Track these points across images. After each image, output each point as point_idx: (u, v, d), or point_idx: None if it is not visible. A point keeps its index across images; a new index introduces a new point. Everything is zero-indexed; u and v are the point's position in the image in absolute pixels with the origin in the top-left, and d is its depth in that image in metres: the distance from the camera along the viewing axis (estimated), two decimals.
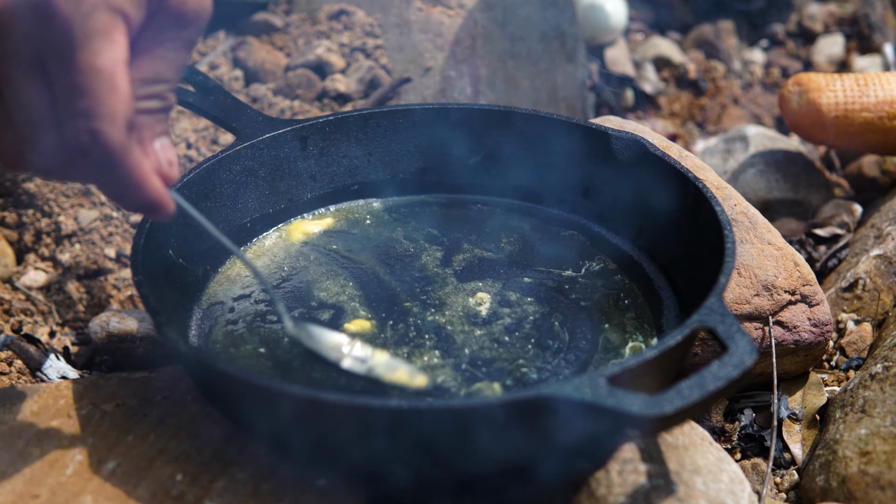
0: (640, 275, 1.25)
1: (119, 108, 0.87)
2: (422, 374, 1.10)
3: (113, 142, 0.87)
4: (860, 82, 1.60)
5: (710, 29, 2.21)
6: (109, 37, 0.86)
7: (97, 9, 0.86)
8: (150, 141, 0.93)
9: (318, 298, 1.21)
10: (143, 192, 0.91)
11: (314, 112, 1.64)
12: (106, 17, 0.86)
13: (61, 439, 1.07)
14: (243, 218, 1.29)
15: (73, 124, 0.87)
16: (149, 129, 0.93)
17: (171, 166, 0.95)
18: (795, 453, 1.23)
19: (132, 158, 0.89)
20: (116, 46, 0.87)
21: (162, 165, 0.94)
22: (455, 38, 1.69)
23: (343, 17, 1.75)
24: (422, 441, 0.93)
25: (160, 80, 0.93)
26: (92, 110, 0.86)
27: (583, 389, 0.89)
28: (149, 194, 0.92)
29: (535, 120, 1.33)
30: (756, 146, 1.72)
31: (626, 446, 1.03)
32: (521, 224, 1.34)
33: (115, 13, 0.86)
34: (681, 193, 1.21)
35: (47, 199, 1.50)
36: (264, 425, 1.00)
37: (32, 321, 1.43)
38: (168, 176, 0.94)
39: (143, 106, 0.92)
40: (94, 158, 0.88)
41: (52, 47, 0.86)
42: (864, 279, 1.43)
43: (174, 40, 0.92)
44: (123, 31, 0.88)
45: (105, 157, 0.88)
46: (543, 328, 1.16)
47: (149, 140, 0.93)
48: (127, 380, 1.15)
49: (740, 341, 0.94)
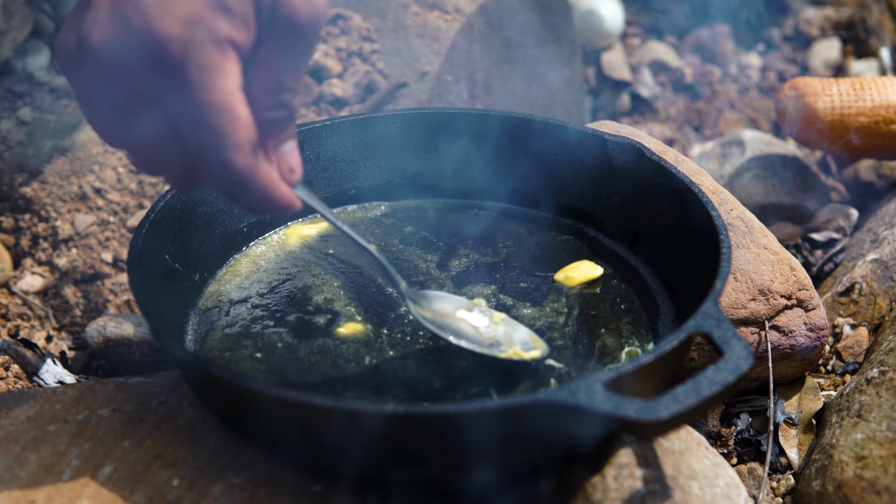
0: (636, 279, 1.25)
1: (242, 135, 0.88)
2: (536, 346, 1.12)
3: (242, 168, 0.89)
4: (856, 86, 1.60)
5: (707, 33, 2.22)
6: (221, 69, 0.87)
7: (205, 45, 0.86)
8: (275, 148, 0.95)
9: (314, 303, 1.21)
10: (272, 199, 0.94)
11: (311, 116, 1.64)
12: (215, 52, 0.86)
13: (58, 444, 1.07)
14: (240, 223, 1.29)
15: (202, 157, 0.89)
16: (274, 138, 0.95)
17: (293, 172, 0.97)
18: (792, 458, 1.23)
19: (260, 175, 0.91)
20: (229, 76, 0.87)
21: (283, 172, 0.96)
22: (452, 42, 1.69)
23: (340, 21, 1.75)
24: (417, 446, 0.93)
25: (284, 90, 0.93)
26: (217, 144, 0.88)
27: (579, 394, 0.89)
28: (278, 202, 0.94)
29: (531, 124, 1.33)
30: (752, 150, 1.72)
31: (622, 451, 1.03)
32: (517, 228, 1.34)
33: (222, 44, 0.87)
34: (677, 198, 1.21)
35: (44, 204, 1.51)
36: (260, 430, 1.00)
37: (29, 326, 1.43)
38: (292, 180, 0.97)
39: (269, 116, 0.93)
40: (226, 183, 0.90)
41: (167, 86, 0.87)
42: (861, 283, 1.43)
43: (292, 49, 0.92)
44: (234, 58, 0.88)
45: (237, 181, 0.90)
46: (539, 332, 1.16)
47: (274, 148, 0.95)
48: (123, 385, 1.15)
49: (736, 346, 0.94)
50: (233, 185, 0.91)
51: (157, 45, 0.85)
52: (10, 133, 1.53)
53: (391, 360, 1.12)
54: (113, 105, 0.90)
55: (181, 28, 0.85)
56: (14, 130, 1.53)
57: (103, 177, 1.53)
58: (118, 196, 1.53)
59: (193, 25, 0.85)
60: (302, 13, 0.91)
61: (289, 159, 0.97)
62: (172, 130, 0.89)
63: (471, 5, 1.75)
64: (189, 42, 0.85)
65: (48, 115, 1.55)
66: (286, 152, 0.96)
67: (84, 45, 0.88)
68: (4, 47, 1.56)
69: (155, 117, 0.89)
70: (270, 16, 0.90)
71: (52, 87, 1.59)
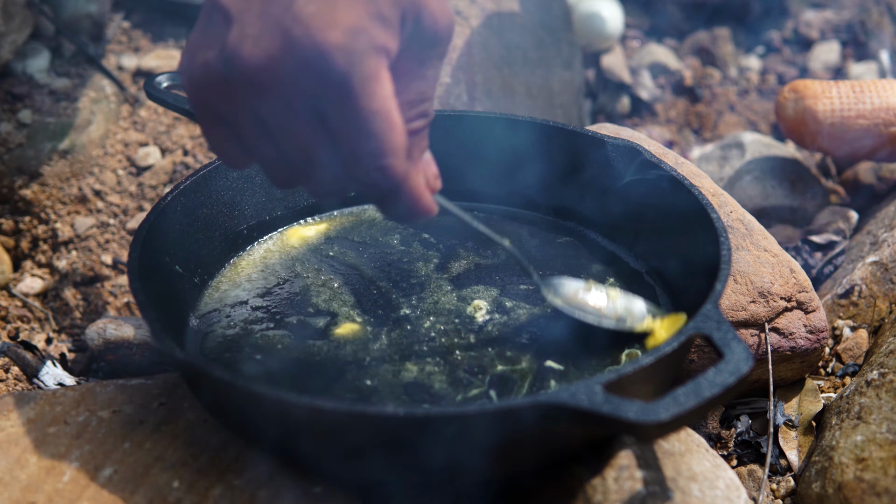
0: (636, 281, 1.25)
1: (399, 141, 0.90)
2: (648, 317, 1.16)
3: (399, 173, 0.91)
4: (856, 89, 1.60)
5: (707, 36, 2.22)
6: (380, 77, 0.88)
7: (366, 53, 0.86)
8: (419, 158, 0.97)
9: (314, 304, 1.21)
10: (418, 206, 0.96)
11: None
12: (374, 60, 0.87)
13: (58, 446, 1.07)
14: (240, 225, 1.29)
15: (360, 164, 0.90)
16: (417, 147, 0.96)
17: (437, 179, 1.00)
18: (792, 460, 1.23)
19: (413, 181, 0.94)
20: (386, 84, 0.88)
21: (430, 180, 0.99)
22: (451, 44, 1.69)
23: None
24: (417, 448, 0.93)
25: (425, 99, 0.95)
26: (378, 150, 0.89)
27: (579, 396, 0.89)
28: (423, 208, 0.96)
29: (531, 127, 1.33)
30: (752, 153, 1.72)
31: (622, 453, 1.03)
32: (517, 231, 1.34)
33: (379, 52, 0.87)
34: (677, 200, 1.21)
35: (44, 207, 1.51)
36: (260, 432, 1.00)
37: (29, 328, 1.43)
38: (434, 187, 1.00)
39: (412, 127, 0.95)
40: (382, 189, 0.92)
41: (330, 98, 0.87)
42: (860, 286, 1.43)
43: (431, 58, 0.94)
44: (387, 65, 0.89)
45: (393, 187, 0.92)
46: (539, 335, 1.16)
47: (418, 157, 0.97)
48: (124, 386, 1.15)
49: (736, 348, 0.94)
50: (388, 190, 0.92)
51: (322, 55, 0.85)
52: (9, 135, 1.53)
53: (391, 361, 1.12)
54: (263, 123, 0.90)
55: (345, 37, 0.85)
56: (14, 133, 1.53)
57: (103, 179, 1.54)
58: (118, 198, 1.53)
59: (356, 34, 0.86)
60: (442, 23, 0.92)
61: (433, 167, 1.00)
62: (330, 141, 0.90)
63: (470, 7, 1.75)
64: (353, 51, 0.86)
65: (48, 118, 1.55)
66: (428, 160, 0.99)
67: (233, 61, 0.87)
68: (4, 49, 1.57)
69: (313, 129, 0.89)
70: (414, 26, 0.91)
71: (52, 89, 1.59)
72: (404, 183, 0.92)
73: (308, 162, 0.91)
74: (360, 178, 0.91)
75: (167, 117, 1.63)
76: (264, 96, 0.88)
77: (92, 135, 1.56)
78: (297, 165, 0.92)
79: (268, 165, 0.94)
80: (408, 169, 0.92)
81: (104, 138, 1.57)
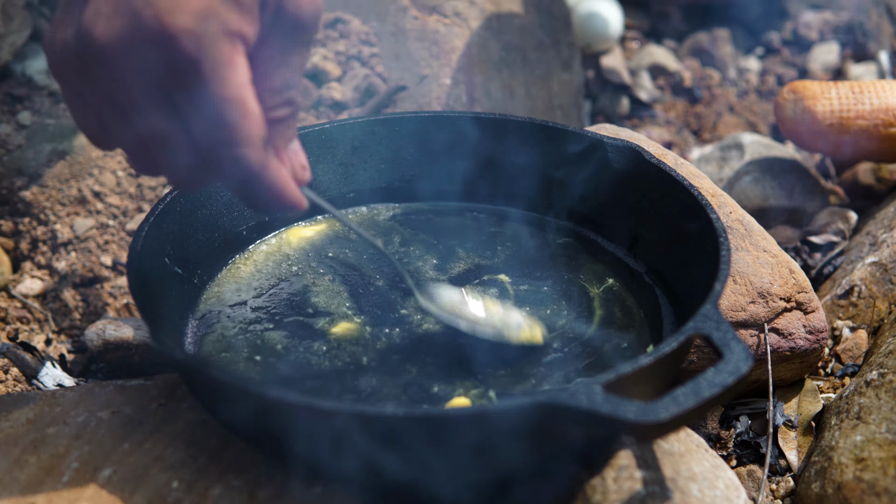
0: (635, 282, 1.25)
1: (254, 130, 0.88)
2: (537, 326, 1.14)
3: (255, 163, 0.89)
4: (855, 90, 1.60)
5: (706, 37, 2.22)
6: (233, 63, 0.86)
7: (217, 38, 0.85)
8: (283, 147, 0.95)
9: (313, 305, 1.21)
10: (282, 198, 0.94)
11: (310, 120, 1.64)
12: (226, 45, 0.86)
13: (57, 447, 1.07)
14: (239, 226, 1.29)
15: (213, 153, 0.88)
16: (281, 136, 0.95)
17: (304, 170, 0.98)
18: (791, 460, 1.23)
19: (271, 171, 0.91)
20: (240, 70, 0.87)
21: (296, 170, 0.97)
22: (451, 46, 1.70)
23: (339, 25, 1.75)
24: (416, 449, 0.93)
25: (289, 87, 0.94)
26: (231, 139, 0.87)
27: (578, 396, 0.89)
28: (286, 199, 0.94)
29: (530, 128, 1.33)
30: (751, 154, 1.72)
31: (621, 453, 1.03)
32: (516, 232, 1.34)
33: (233, 38, 0.86)
34: (676, 201, 1.21)
35: (43, 208, 1.51)
36: (259, 432, 1.00)
37: (29, 329, 1.43)
38: (302, 179, 0.98)
39: (275, 115, 0.93)
40: (237, 178, 0.90)
41: (178, 81, 0.86)
42: (860, 286, 1.43)
43: (295, 45, 0.93)
44: (242, 52, 0.88)
45: (247, 176, 0.90)
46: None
47: (283, 147, 0.95)
48: (123, 387, 1.15)
49: (735, 348, 0.94)
50: (244, 181, 0.90)
51: (170, 39, 0.84)
52: (9, 137, 1.53)
53: (391, 361, 1.12)
54: (115, 102, 0.88)
55: (194, 21, 0.84)
56: (13, 134, 1.53)
57: (102, 180, 1.53)
58: (117, 199, 1.53)
59: (206, 18, 0.84)
60: (306, 9, 0.91)
61: (300, 157, 0.97)
62: (181, 126, 0.88)
63: (470, 9, 1.75)
64: (202, 35, 0.84)
65: (47, 119, 1.55)
66: (295, 150, 0.97)
67: (86, 39, 0.86)
68: (3, 51, 1.57)
69: (163, 113, 0.87)
70: (276, 12, 0.90)
71: (52, 90, 1.59)
72: (262, 173, 0.90)
73: (161, 147, 0.89)
74: (215, 168, 0.89)
75: None
76: (114, 76, 0.86)
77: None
78: (152, 150, 0.90)
79: (125, 148, 0.92)
80: (265, 159, 0.90)
81: None
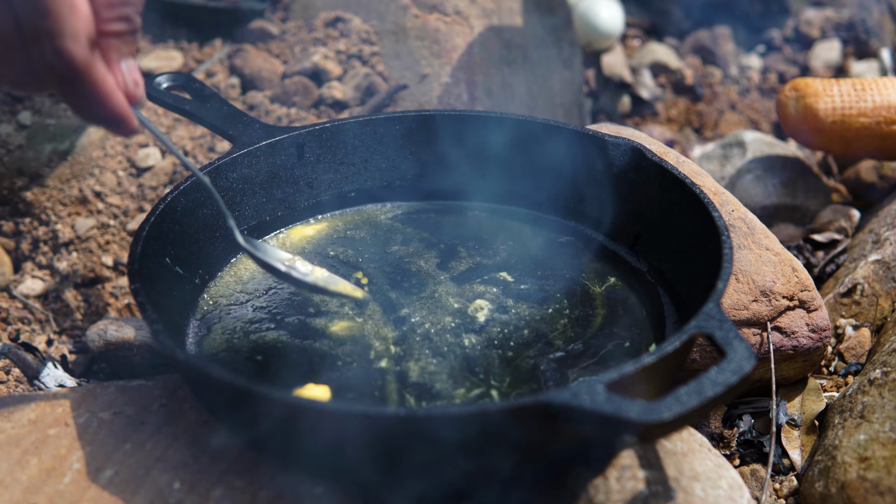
0: (638, 280, 1.25)
1: (80, 26, 0.92)
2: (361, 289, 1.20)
3: (77, 58, 0.93)
4: (857, 87, 1.60)
5: (707, 34, 2.21)
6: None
7: None
8: (116, 61, 0.99)
9: (314, 304, 1.21)
10: (106, 105, 0.98)
11: (311, 119, 1.64)
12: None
13: (59, 448, 1.07)
14: (240, 226, 1.29)
15: (38, 44, 0.92)
16: (115, 51, 0.98)
17: (137, 86, 1.01)
18: (794, 459, 1.23)
19: (96, 73, 0.95)
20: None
21: (128, 84, 1.00)
22: (451, 44, 1.69)
23: (339, 24, 1.75)
24: (419, 448, 0.93)
25: (125, 3, 0.97)
26: (55, 30, 0.92)
27: (581, 396, 0.89)
28: (112, 108, 0.98)
29: (531, 126, 1.33)
30: (753, 152, 1.72)
31: (624, 453, 1.03)
32: (518, 230, 1.34)
33: None
34: (678, 199, 1.21)
35: (44, 208, 1.50)
36: (261, 433, 1.00)
37: (30, 330, 1.43)
38: (133, 94, 1.01)
39: (110, 28, 0.97)
40: (60, 74, 0.94)
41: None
42: (863, 284, 1.43)
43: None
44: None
45: (70, 73, 0.94)
46: (541, 334, 1.16)
47: (115, 60, 0.99)
48: (124, 388, 1.15)
49: (738, 347, 0.94)
50: (67, 77, 0.94)
51: None
52: (9, 137, 1.53)
53: (392, 360, 1.12)
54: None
55: None
56: (14, 134, 1.53)
57: (103, 180, 1.53)
58: (118, 199, 1.53)
59: None
60: None
61: (133, 73, 1.00)
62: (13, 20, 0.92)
63: (470, 7, 1.75)
64: None
65: (48, 119, 1.55)
66: (130, 66, 1.00)
67: None
68: None
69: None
70: None
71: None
72: (86, 73, 0.94)
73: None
74: (39, 60, 0.93)
75: (167, 118, 1.63)
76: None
77: (92, 136, 1.56)
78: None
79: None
80: (89, 58, 0.94)
81: (104, 139, 1.57)
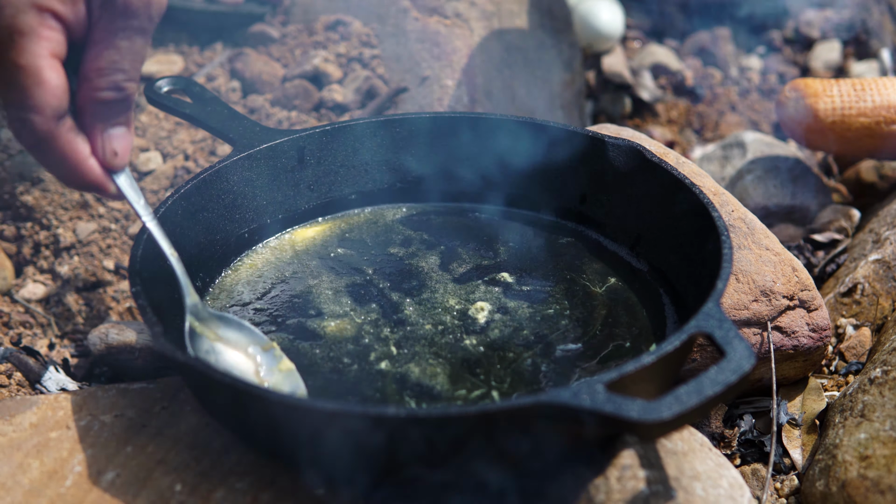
0: (638, 281, 1.25)
1: (45, 99, 0.95)
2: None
3: (39, 130, 0.96)
4: (857, 87, 1.60)
5: (707, 36, 2.22)
6: (36, 35, 0.93)
7: (21, 10, 0.92)
8: (100, 130, 1.01)
9: (315, 306, 1.21)
10: (75, 173, 1.01)
11: (311, 122, 1.64)
12: (31, 18, 0.93)
13: (60, 451, 1.07)
14: (241, 229, 1.29)
15: (7, 111, 0.96)
16: (103, 120, 1.00)
17: (115, 156, 1.02)
18: (795, 458, 1.23)
19: (61, 144, 0.98)
20: (44, 43, 0.94)
21: (105, 154, 1.02)
22: (452, 47, 1.70)
23: (340, 27, 1.75)
24: (420, 449, 0.93)
25: (116, 70, 0.99)
26: (20, 102, 0.95)
27: (581, 396, 0.89)
28: (82, 177, 1.01)
29: (532, 128, 1.33)
30: (754, 152, 1.72)
31: (624, 452, 1.03)
32: (519, 232, 1.34)
33: (41, 13, 0.93)
34: (678, 200, 1.21)
35: (46, 212, 1.51)
36: (262, 434, 1.00)
37: (31, 333, 1.43)
38: (111, 164, 1.02)
39: (98, 96, 0.99)
40: (26, 142, 0.97)
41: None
42: (863, 284, 1.43)
43: (125, 30, 0.98)
44: (55, 28, 0.95)
45: (34, 142, 0.97)
46: (541, 335, 1.16)
47: (98, 128, 1.00)
48: (126, 391, 1.15)
49: (738, 347, 0.94)
50: (30, 146, 0.97)
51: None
52: (11, 141, 1.53)
53: (392, 362, 1.12)
54: None
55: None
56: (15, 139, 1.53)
57: None
58: (119, 203, 1.53)
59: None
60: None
61: (114, 142, 1.02)
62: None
63: (470, 10, 1.75)
64: (7, 6, 0.92)
65: None
66: (114, 135, 1.01)
67: None
68: None
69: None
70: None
71: None
72: (50, 143, 0.97)
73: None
74: (9, 126, 0.97)
75: (168, 122, 1.63)
76: None
77: None
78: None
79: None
80: (53, 129, 0.96)
81: None
